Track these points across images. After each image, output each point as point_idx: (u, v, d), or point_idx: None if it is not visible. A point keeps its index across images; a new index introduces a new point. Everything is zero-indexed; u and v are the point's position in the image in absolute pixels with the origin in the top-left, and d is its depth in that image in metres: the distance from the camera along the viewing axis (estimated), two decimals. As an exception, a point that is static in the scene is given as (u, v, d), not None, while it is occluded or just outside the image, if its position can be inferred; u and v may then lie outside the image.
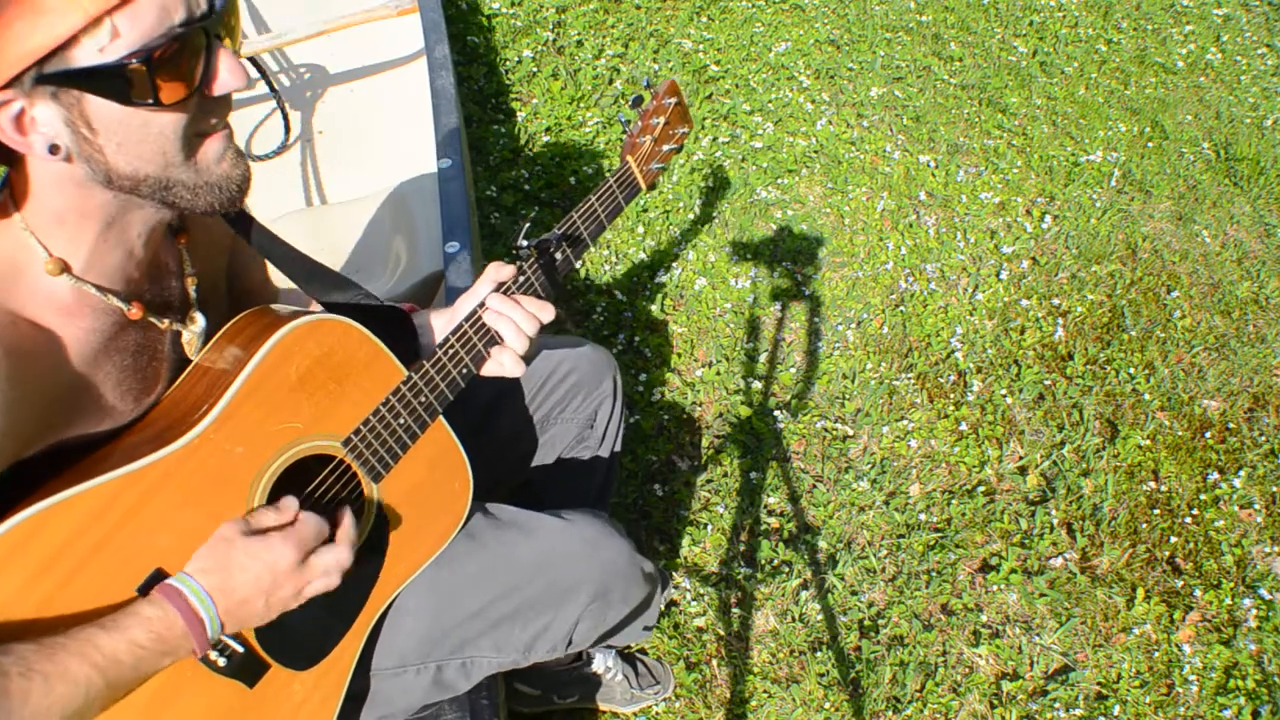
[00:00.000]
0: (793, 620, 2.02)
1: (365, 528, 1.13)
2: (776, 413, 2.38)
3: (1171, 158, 3.29)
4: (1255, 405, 2.54)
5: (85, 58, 0.82)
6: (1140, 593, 2.11)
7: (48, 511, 0.87)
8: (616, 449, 1.62)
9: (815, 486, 2.25)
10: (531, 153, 2.96)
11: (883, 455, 2.33)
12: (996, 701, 1.94)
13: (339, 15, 2.46)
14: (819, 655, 1.97)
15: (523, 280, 1.23)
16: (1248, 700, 1.97)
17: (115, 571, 0.92)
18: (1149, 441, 2.41)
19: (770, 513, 2.21)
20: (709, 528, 2.15)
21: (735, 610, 2.03)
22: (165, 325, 1.04)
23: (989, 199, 3.03)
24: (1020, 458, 2.36)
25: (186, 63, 0.86)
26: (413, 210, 2.08)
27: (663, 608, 1.92)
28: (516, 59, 3.26)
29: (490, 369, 1.23)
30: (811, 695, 1.91)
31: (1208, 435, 2.44)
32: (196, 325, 1.08)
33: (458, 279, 1.78)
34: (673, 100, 1.35)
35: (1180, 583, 2.15)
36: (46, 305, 0.93)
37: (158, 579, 0.94)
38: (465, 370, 1.19)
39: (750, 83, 3.32)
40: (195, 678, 0.99)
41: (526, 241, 1.23)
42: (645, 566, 1.42)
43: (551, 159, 2.93)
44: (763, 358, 2.51)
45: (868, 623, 2.03)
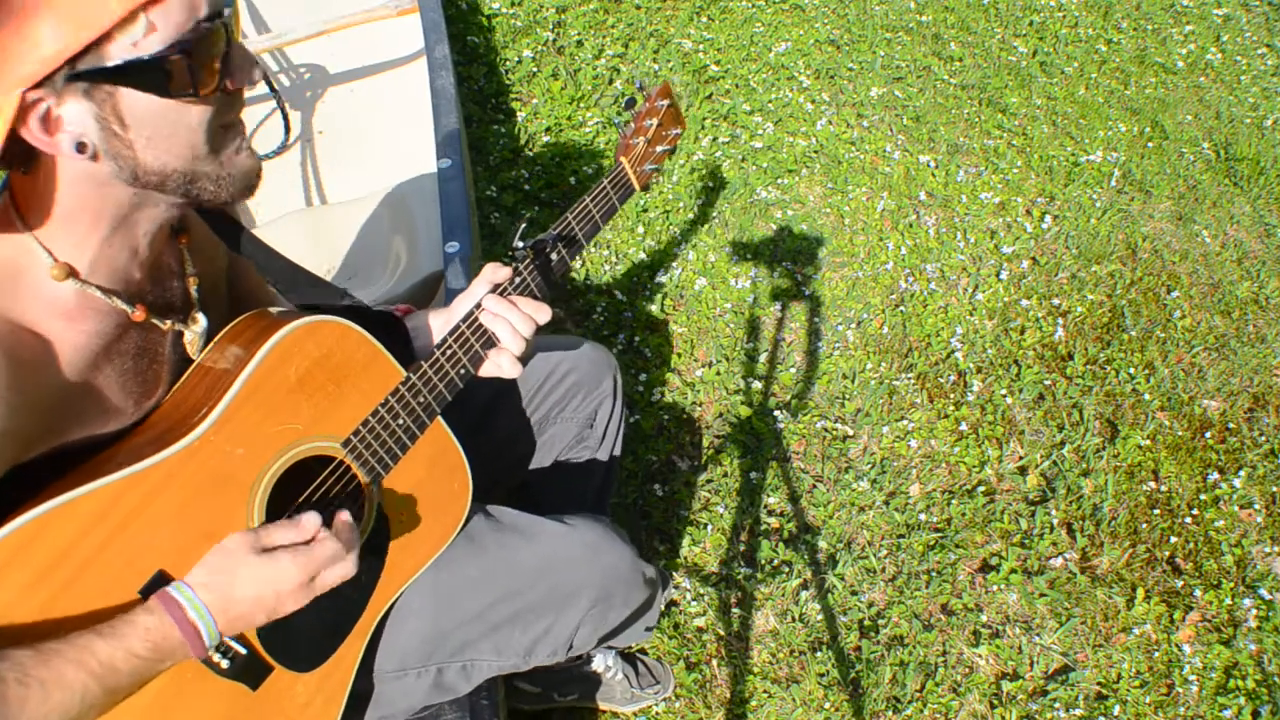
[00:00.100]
0: (793, 620, 2.02)
1: (366, 529, 1.13)
2: (776, 413, 2.38)
3: (1171, 158, 3.29)
4: (1255, 405, 2.54)
5: (121, 53, 0.82)
6: (1140, 593, 2.11)
7: (50, 514, 0.87)
8: (616, 448, 1.62)
9: (815, 486, 2.25)
10: (531, 153, 2.96)
11: (883, 455, 2.33)
12: (996, 701, 1.94)
13: (339, 15, 2.46)
14: (819, 655, 1.97)
15: (519, 282, 1.23)
16: (1248, 700, 1.97)
17: (118, 574, 0.92)
18: (1149, 441, 2.41)
19: (770, 513, 2.21)
20: (709, 528, 2.15)
21: (735, 610, 2.03)
22: (167, 326, 1.04)
23: (989, 199, 3.03)
24: (1020, 458, 2.36)
25: (214, 55, 0.88)
26: (412, 210, 2.08)
27: (663, 608, 1.92)
28: (516, 59, 3.26)
29: (488, 370, 1.23)
30: (811, 695, 1.91)
31: (1208, 435, 2.44)
32: (198, 325, 1.08)
33: (457, 279, 1.78)
34: (665, 102, 1.36)
35: (1180, 583, 2.15)
36: (49, 309, 0.92)
37: (160, 581, 0.94)
38: (463, 371, 1.20)
39: (750, 83, 3.32)
40: (199, 680, 0.99)
41: (522, 243, 1.23)
42: (647, 571, 1.42)
43: (551, 159, 2.93)
44: (763, 358, 2.51)
45: (868, 623, 2.03)
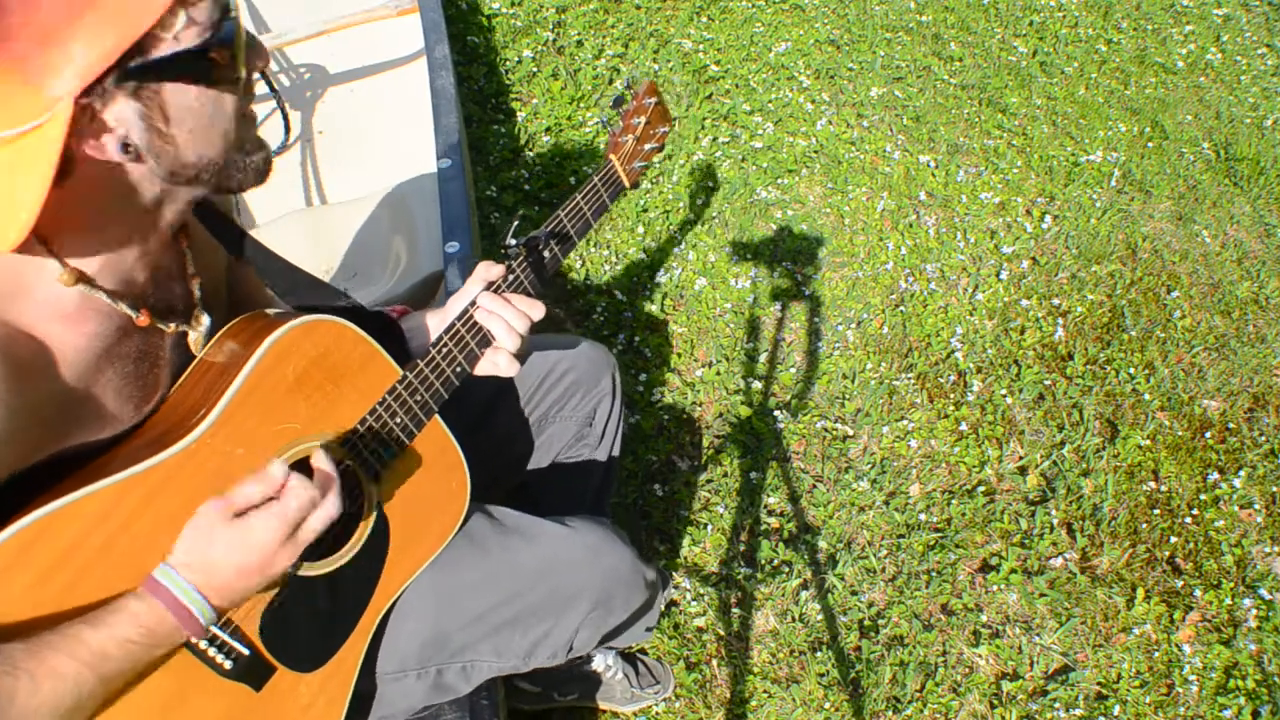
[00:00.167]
0: (793, 620, 2.02)
1: (366, 527, 1.13)
2: (776, 413, 2.38)
3: (1171, 158, 3.29)
4: (1255, 405, 2.54)
5: (167, 47, 0.82)
6: (1140, 593, 2.11)
7: (52, 516, 0.87)
8: (616, 447, 1.62)
9: (815, 486, 2.25)
10: (531, 153, 2.96)
11: (883, 455, 2.33)
12: (996, 701, 1.94)
13: (339, 15, 2.47)
14: (819, 655, 1.97)
15: (512, 279, 1.23)
16: (1248, 700, 1.97)
17: (120, 574, 0.92)
18: (1149, 441, 2.41)
19: (770, 513, 2.21)
20: (709, 528, 2.15)
21: (735, 610, 2.03)
22: (171, 329, 1.04)
23: (989, 199, 3.03)
24: (1020, 458, 2.36)
25: (242, 43, 0.89)
26: (413, 210, 2.08)
27: (663, 608, 1.92)
28: (516, 59, 3.26)
29: (484, 368, 1.23)
30: (811, 695, 1.91)
31: (1208, 435, 2.44)
32: (202, 324, 1.08)
33: (457, 279, 1.78)
34: (652, 100, 1.37)
35: (1180, 583, 2.15)
36: (49, 312, 0.91)
37: None
38: (459, 369, 1.20)
39: (750, 83, 3.32)
40: (202, 681, 0.99)
41: (514, 240, 1.24)
42: (647, 574, 1.42)
43: (551, 159, 2.93)
44: (763, 358, 2.51)
45: (868, 623, 2.03)
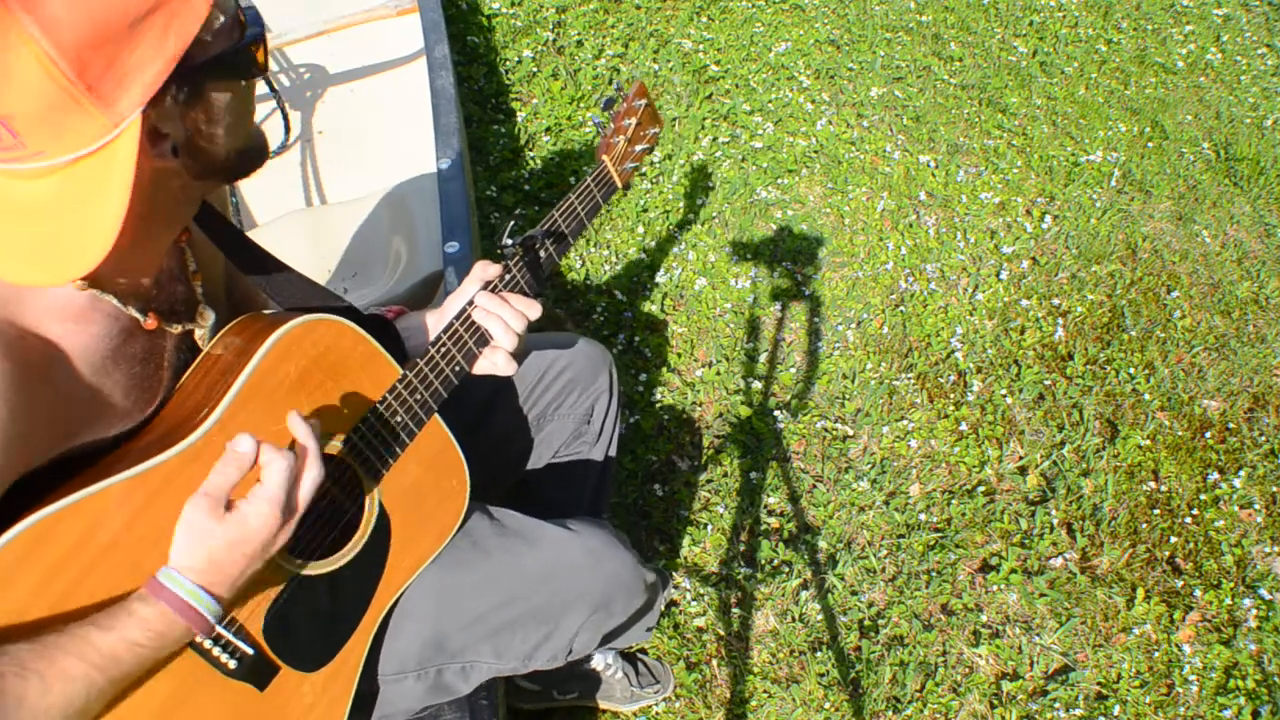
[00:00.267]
0: (793, 620, 2.02)
1: (367, 527, 1.14)
2: (776, 413, 2.38)
3: (1171, 158, 3.29)
4: (1255, 405, 2.54)
5: (214, 48, 0.84)
6: (1140, 593, 2.11)
7: (56, 515, 0.87)
8: (613, 445, 1.62)
9: (815, 486, 2.25)
10: (531, 153, 2.96)
11: (883, 455, 2.33)
12: (996, 701, 1.94)
13: (339, 15, 2.47)
14: (819, 655, 1.97)
15: (509, 278, 1.24)
16: (1248, 700, 1.97)
17: (125, 573, 0.92)
18: (1149, 441, 2.41)
19: (770, 513, 2.21)
20: (709, 528, 2.15)
21: (735, 610, 2.03)
22: (176, 330, 1.04)
23: (989, 199, 3.03)
24: (1020, 458, 2.36)
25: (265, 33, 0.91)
26: (412, 210, 2.08)
27: (663, 608, 1.92)
28: (516, 59, 3.26)
29: (482, 367, 1.23)
30: (811, 695, 1.91)
31: (1208, 435, 2.44)
32: (207, 321, 1.08)
33: (457, 279, 1.78)
34: (642, 102, 1.38)
35: (1180, 583, 2.15)
36: (57, 312, 0.91)
37: None
38: (458, 368, 1.20)
39: (750, 83, 3.32)
40: (207, 681, 0.99)
41: (510, 240, 1.24)
42: (648, 577, 1.42)
43: (551, 159, 2.93)
44: (763, 358, 2.51)
45: (868, 623, 2.03)
